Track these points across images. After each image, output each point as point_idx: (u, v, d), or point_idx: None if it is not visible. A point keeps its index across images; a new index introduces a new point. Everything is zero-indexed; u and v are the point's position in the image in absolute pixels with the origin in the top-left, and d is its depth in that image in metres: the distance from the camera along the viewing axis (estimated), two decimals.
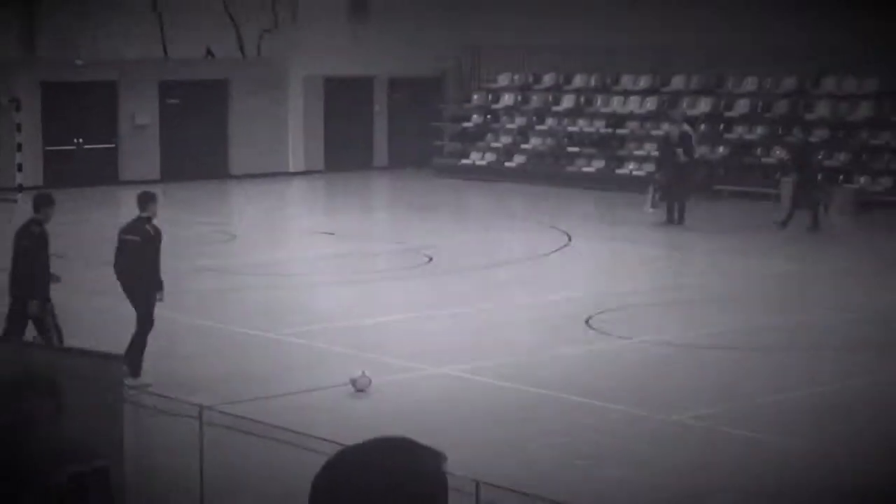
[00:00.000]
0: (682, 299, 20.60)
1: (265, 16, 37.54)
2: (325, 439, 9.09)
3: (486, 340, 17.76)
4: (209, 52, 36.73)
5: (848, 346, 17.28)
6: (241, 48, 37.30)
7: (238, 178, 37.68)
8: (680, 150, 28.98)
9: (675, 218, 28.64)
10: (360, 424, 12.99)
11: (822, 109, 33.70)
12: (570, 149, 37.37)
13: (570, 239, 26.60)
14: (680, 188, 28.90)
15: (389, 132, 40.79)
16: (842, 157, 32.72)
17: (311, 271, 24.12)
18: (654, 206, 29.77)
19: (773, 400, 14.86)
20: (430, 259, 24.25)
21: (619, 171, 35.82)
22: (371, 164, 40.49)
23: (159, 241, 15.25)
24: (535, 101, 39.31)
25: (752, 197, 33.09)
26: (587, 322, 18.65)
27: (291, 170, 38.75)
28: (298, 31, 38.35)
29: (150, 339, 15.28)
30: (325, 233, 27.99)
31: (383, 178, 39.07)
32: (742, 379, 15.80)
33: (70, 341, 14.46)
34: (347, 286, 22.09)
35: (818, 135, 32.99)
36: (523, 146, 38.77)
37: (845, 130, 33.08)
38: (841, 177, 32.11)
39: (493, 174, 37.94)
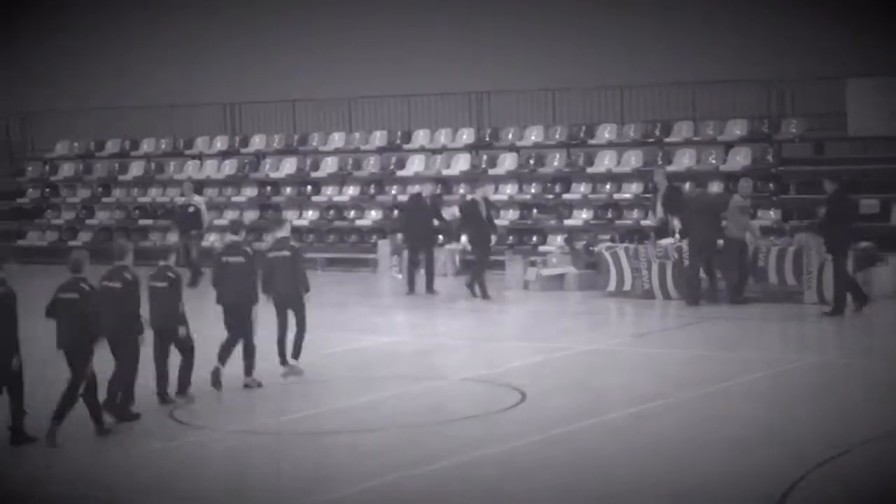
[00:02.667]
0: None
1: None
2: None
3: None
4: None
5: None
6: None
7: None
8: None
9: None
10: None
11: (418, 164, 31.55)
12: (142, 222, 33.76)
13: None
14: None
15: None
16: None
17: None
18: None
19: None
20: None
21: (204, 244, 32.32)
22: None
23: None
24: (99, 170, 35.58)
25: (347, 264, 30.69)
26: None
27: None
28: None
29: None
30: None
31: None
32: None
33: None
34: None
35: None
36: (88, 221, 34.96)
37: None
38: None
39: (55, 255, 33.82)
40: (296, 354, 17.95)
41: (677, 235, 23.94)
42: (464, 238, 26.39)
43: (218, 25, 34.91)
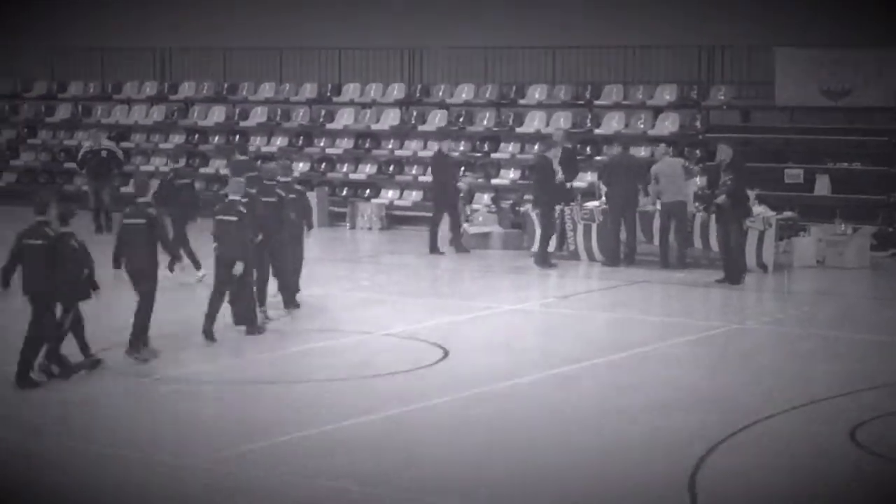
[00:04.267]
0: None
1: None
2: None
3: None
4: None
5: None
6: None
7: None
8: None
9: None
10: None
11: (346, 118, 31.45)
12: (67, 165, 33.38)
13: None
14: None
15: None
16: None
17: None
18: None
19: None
20: None
21: (124, 190, 31.99)
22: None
23: None
24: (26, 111, 35.16)
25: None
26: None
27: None
28: None
29: None
30: None
31: None
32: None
33: None
34: None
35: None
36: (13, 163, 34.56)
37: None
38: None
39: None
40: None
41: (603, 198, 24.06)
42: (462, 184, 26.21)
43: None
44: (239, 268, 16.88)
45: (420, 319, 18.76)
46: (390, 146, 30.67)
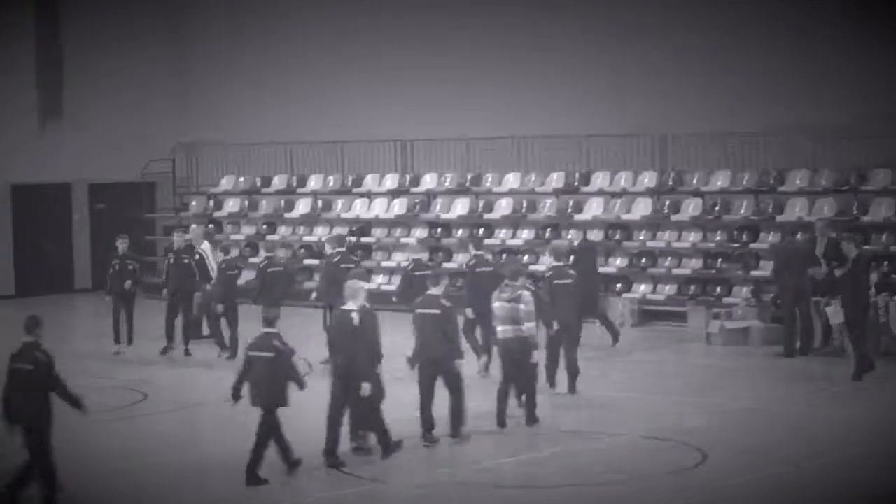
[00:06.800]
0: None
1: None
2: None
3: None
4: None
5: None
6: None
7: None
8: None
9: None
10: None
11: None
12: (307, 262, 35.26)
13: None
14: None
15: (94, 247, 38.15)
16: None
17: None
18: None
19: None
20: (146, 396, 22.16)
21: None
22: (73, 286, 37.91)
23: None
24: (265, 206, 37.33)
25: None
26: None
27: None
28: None
29: None
30: None
31: (87, 302, 36.24)
32: None
33: None
34: None
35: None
36: (252, 260, 36.60)
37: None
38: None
39: None
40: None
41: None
42: None
43: (390, 62, 36.27)
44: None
45: (674, 419, 19.65)
46: (642, 237, 31.59)
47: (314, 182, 36.93)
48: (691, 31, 32.19)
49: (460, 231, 34.01)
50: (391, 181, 35.74)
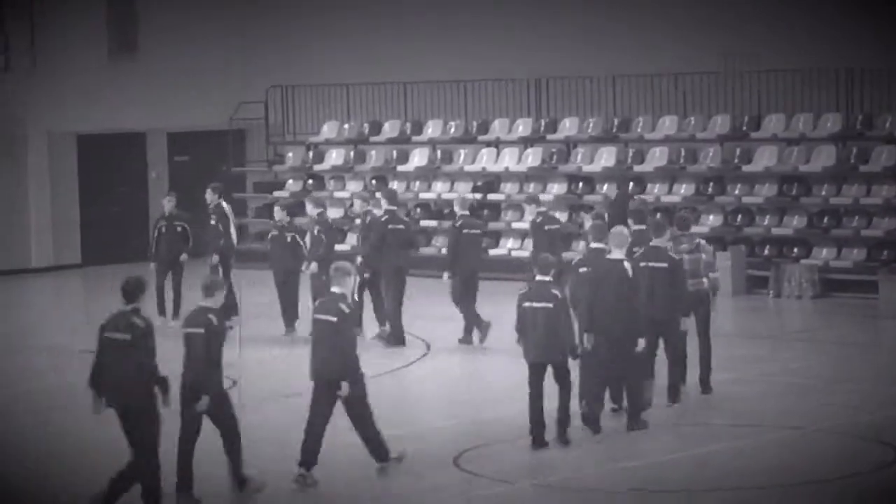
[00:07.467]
0: None
1: None
2: None
3: None
4: None
5: None
6: None
7: None
8: None
9: None
10: None
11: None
12: (425, 223, 35.54)
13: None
14: None
15: None
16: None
17: None
18: None
19: None
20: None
21: (493, 253, 33.98)
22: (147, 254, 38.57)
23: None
24: (374, 158, 37.64)
25: None
26: None
27: (34, 265, 36.87)
28: (39, 74, 36.94)
29: None
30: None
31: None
32: None
33: None
34: None
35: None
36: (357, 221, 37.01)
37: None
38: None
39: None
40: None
41: None
42: None
43: None
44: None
45: (863, 412, 19.68)
46: (823, 192, 31.43)
47: (432, 129, 37.17)
48: None
49: (605, 186, 33.99)
50: (523, 127, 35.87)
